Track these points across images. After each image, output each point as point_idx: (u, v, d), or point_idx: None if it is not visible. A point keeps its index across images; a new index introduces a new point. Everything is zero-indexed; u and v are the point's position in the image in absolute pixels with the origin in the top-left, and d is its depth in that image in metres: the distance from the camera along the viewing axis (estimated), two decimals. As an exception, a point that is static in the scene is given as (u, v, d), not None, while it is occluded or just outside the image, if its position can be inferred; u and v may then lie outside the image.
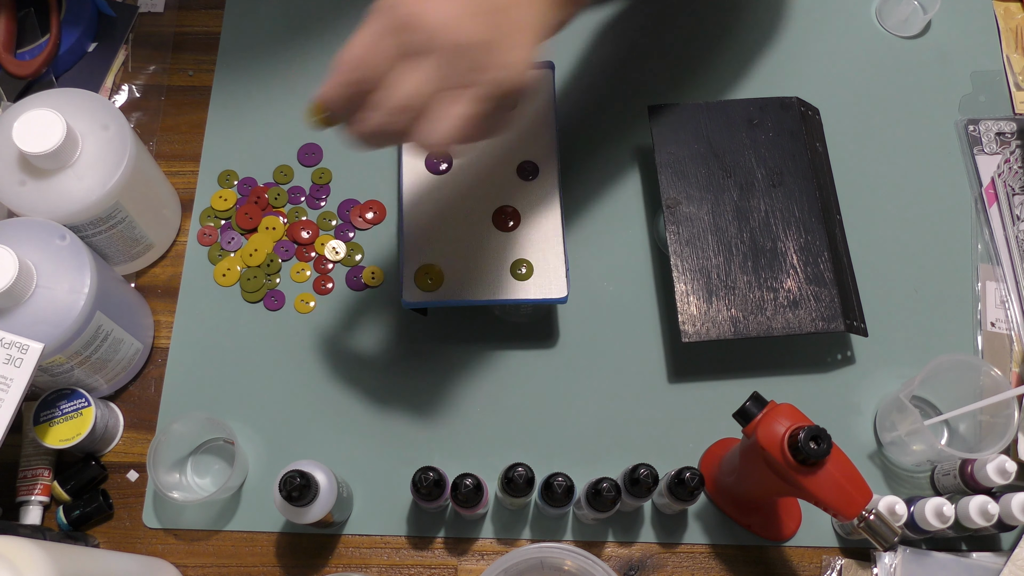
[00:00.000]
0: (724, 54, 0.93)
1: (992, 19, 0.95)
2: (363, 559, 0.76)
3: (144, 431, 0.80)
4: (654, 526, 0.77)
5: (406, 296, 0.75)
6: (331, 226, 0.86)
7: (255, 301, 0.83)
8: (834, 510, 0.62)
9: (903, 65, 0.93)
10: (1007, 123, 0.90)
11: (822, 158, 0.85)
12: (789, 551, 0.76)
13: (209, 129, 0.90)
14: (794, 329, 0.77)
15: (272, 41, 0.94)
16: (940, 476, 0.77)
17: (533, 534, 0.77)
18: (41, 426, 0.74)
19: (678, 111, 0.84)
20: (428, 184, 0.79)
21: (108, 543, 0.76)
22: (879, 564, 0.74)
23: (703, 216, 0.80)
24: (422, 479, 0.69)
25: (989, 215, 0.86)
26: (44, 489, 0.76)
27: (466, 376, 0.81)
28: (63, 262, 0.70)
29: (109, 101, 0.78)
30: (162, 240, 0.85)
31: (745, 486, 0.72)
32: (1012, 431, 0.72)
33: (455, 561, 0.76)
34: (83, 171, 0.73)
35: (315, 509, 0.68)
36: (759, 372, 0.81)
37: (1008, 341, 0.82)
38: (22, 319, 0.68)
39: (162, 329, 0.83)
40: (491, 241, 0.77)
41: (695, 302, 0.77)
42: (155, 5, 0.95)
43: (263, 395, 0.80)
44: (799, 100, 0.85)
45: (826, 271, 0.78)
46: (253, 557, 0.76)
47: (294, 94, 0.91)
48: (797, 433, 0.61)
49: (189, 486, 0.78)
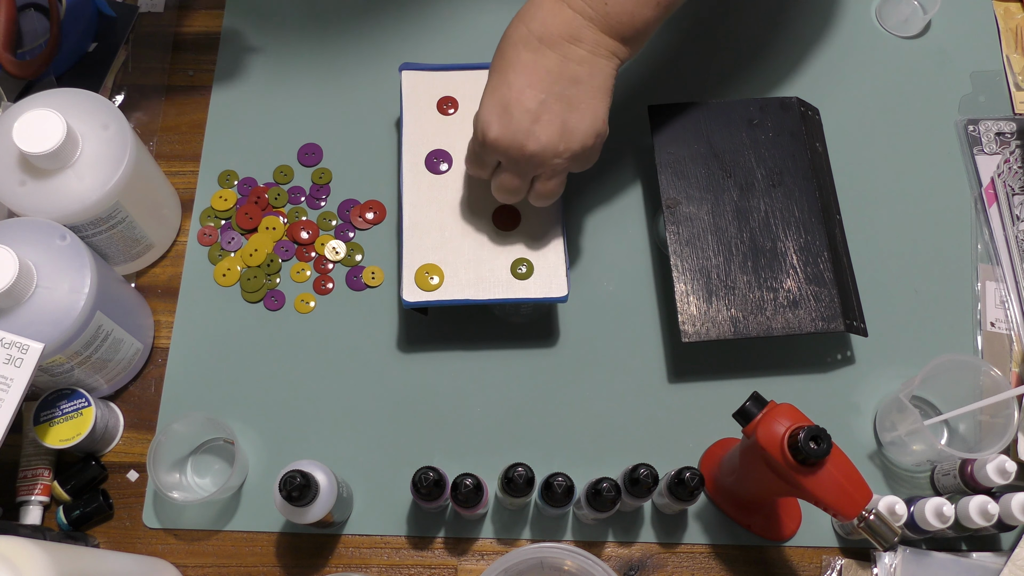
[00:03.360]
0: (724, 54, 0.93)
1: (992, 19, 0.95)
2: (363, 559, 0.76)
3: (144, 431, 0.80)
4: (654, 526, 0.77)
5: (406, 296, 0.75)
6: (331, 226, 0.86)
7: (255, 301, 0.83)
8: (834, 510, 0.62)
9: (903, 65, 0.93)
10: (1007, 123, 0.90)
11: (822, 158, 0.85)
12: (789, 551, 0.76)
13: (209, 129, 0.90)
14: (794, 329, 0.77)
15: (272, 41, 0.94)
16: (940, 476, 0.77)
17: (533, 534, 0.77)
18: (41, 426, 0.74)
19: (678, 111, 0.84)
20: (428, 184, 0.79)
21: (108, 543, 0.76)
22: (879, 564, 0.74)
23: (703, 216, 0.80)
24: (422, 479, 0.69)
25: (989, 215, 0.86)
26: (44, 489, 0.76)
27: (466, 376, 0.81)
28: (63, 262, 0.70)
29: (109, 101, 0.78)
30: (162, 240, 0.85)
31: (745, 486, 0.72)
32: (1012, 431, 0.72)
33: (455, 561, 0.76)
34: (83, 171, 0.73)
35: (315, 509, 0.68)
36: (759, 372, 0.81)
37: (1008, 341, 0.82)
38: (22, 319, 0.68)
39: (162, 329, 0.83)
40: (491, 241, 0.77)
41: (695, 302, 0.77)
42: (155, 5, 0.95)
43: (263, 395, 0.80)
44: (799, 100, 0.85)
45: (826, 271, 0.78)
46: (253, 557, 0.76)
47: (294, 94, 0.91)
48: (797, 433, 0.61)
49: (189, 486, 0.78)
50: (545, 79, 0.66)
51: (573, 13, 0.66)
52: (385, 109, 0.90)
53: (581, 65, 0.66)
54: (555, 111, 0.66)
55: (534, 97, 0.66)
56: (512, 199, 0.72)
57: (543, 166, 0.69)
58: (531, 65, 0.66)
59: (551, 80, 0.66)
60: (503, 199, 0.73)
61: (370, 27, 0.93)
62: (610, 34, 0.67)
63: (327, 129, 0.90)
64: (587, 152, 0.69)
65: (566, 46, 0.66)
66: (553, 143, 0.67)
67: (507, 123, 0.67)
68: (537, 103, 0.66)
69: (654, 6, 0.66)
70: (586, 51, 0.66)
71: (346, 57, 0.92)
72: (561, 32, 0.66)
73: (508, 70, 0.67)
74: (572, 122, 0.67)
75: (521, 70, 0.66)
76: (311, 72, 0.92)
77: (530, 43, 0.66)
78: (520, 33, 0.67)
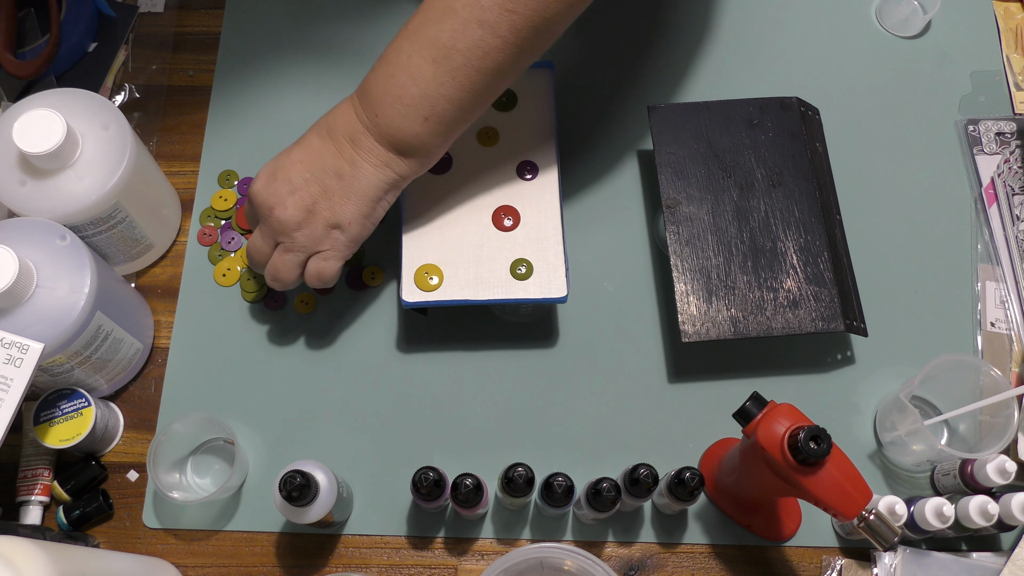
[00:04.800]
0: (724, 54, 0.93)
1: (992, 19, 0.95)
2: (363, 559, 0.76)
3: (144, 431, 0.80)
4: (654, 526, 0.77)
5: (406, 296, 0.75)
6: (331, 226, 0.86)
7: (255, 301, 0.83)
8: (834, 510, 0.63)
9: (903, 65, 0.93)
10: (1007, 123, 0.90)
11: (822, 158, 0.85)
12: (789, 551, 0.76)
13: (209, 129, 0.90)
14: (794, 329, 0.77)
15: (272, 41, 0.94)
16: (940, 476, 0.77)
17: (533, 534, 0.77)
18: (41, 426, 0.74)
19: (678, 111, 0.84)
20: (428, 184, 0.79)
21: (108, 543, 0.76)
22: (879, 564, 0.74)
23: (703, 216, 0.80)
24: (422, 479, 0.69)
25: (989, 215, 0.86)
26: (44, 489, 0.76)
27: (466, 376, 0.81)
28: (63, 262, 0.70)
29: (109, 101, 0.78)
30: (162, 240, 0.85)
31: (745, 486, 0.72)
32: (1012, 431, 0.72)
33: (455, 561, 0.76)
34: (83, 171, 0.73)
35: (315, 509, 0.68)
36: (759, 372, 0.81)
37: (1008, 341, 0.82)
38: (22, 319, 0.68)
39: (162, 329, 0.83)
40: (491, 241, 0.77)
41: (695, 302, 0.77)
42: (155, 5, 0.95)
43: (263, 395, 0.80)
44: (799, 100, 0.85)
45: (826, 271, 0.78)
46: (253, 557, 0.76)
47: (294, 94, 0.91)
48: (797, 433, 0.61)
49: (189, 486, 0.78)
50: (316, 163, 0.71)
51: (355, 119, 0.70)
52: (385, 109, 0.90)
53: (350, 165, 0.70)
54: (311, 192, 0.71)
55: (300, 173, 0.71)
56: (257, 267, 0.76)
57: (285, 235, 0.72)
58: (313, 148, 0.71)
59: (320, 166, 0.71)
60: (252, 265, 0.77)
61: (370, 27, 0.93)
62: (386, 145, 0.70)
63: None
64: (324, 240, 0.72)
65: (344, 144, 0.70)
66: (296, 218, 0.71)
67: (268, 183, 0.72)
68: (301, 180, 0.71)
69: (421, 121, 0.68)
70: (359, 155, 0.70)
71: (346, 57, 0.92)
72: (344, 131, 0.70)
73: (297, 145, 0.73)
74: (320, 208, 0.71)
75: (304, 149, 0.72)
76: (311, 72, 0.92)
77: (322, 132, 0.72)
78: (321, 121, 0.73)
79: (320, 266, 0.73)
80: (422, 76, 0.67)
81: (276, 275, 0.74)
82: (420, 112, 0.68)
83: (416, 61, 0.67)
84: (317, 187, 0.71)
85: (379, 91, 0.69)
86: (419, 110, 0.68)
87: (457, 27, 0.65)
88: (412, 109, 0.68)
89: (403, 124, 0.68)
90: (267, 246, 0.74)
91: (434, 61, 0.66)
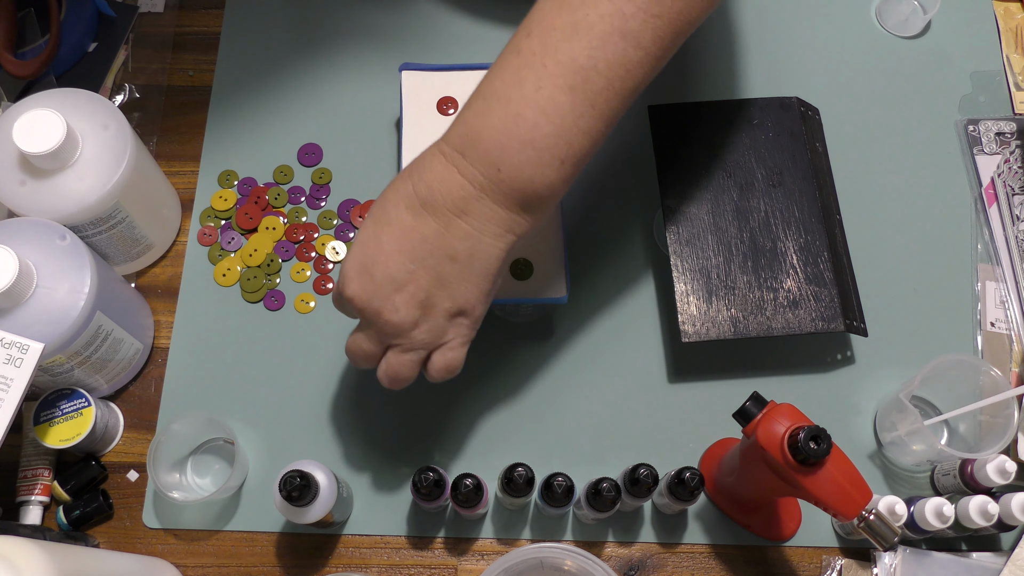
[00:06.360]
0: (724, 54, 0.93)
1: (992, 19, 0.95)
2: (363, 559, 0.76)
3: (144, 431, 0.80)
4: (654, 526, 0.77)
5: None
6: (331, 226, 0.86)
7: (255, 301, 0.83)
8: (834, 510, 0.62)
9: (903, 65, 0.93)
10: (1007, 123, 0.90)
11: (822, 158, 0.85)
12: (789, 551, 0.76)
13: (209, 129, 0.90)
14: (794, 329, 0.77)
15: (272, 41, 0.94)
16: (940, 476, 0.77)
17: (533, 534, 0.77)
18: (41, 426, 0.74)
19: (678, 111, 0.84)
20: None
21: (108, 543, 0.76)
22: (879, 564, 0.74)
23: (703, 216, 0.80)
24: (422, 479, 0.69)
25: (989, 215, 0.86)
26: (44, 489, 0.76)
27: (466, 376, 0.81)
28: (63, 262, 0.70)
29: (109, 101, 0.78)
30: (162, 240, 0.85)
31: (745, 486, 0.72)
32: (1012, 431, 0.72)
33: (455, 561, 0.76)
34: (83, 171, 0.73)
35: (315, 509, 0.68)
36: (759, 372, 0.81)
37: (1008, 341, 0.82)
38: (22, 319, 0.68)
39: (162, 329, 0.83)
40: (491, 241, 0.77)
41: (695, 302, 0.77)
42: (155, 5, 0.95)
43: (263, 395, 0.80)
44: (799, 100, 0.85)
45: (826, 271, 0.78)
46: (253, 557, 0.76)
47: (294, 94, 0.91)
48: (797, 433, 0.61)
49: (189, 486, 0.78)
50: (419, 249, 0.59)
51: (463, 180, 0.57)
52: (385, 109, 0.90)
53: (463, 242, 0.58)
54: (421, 285, 0.59)
55: (402, 265, 0.59)
56: (365, 364, 0.65)
57: (401, 337, 0.61)
58: (409, 229, 0.59)
59: (426, 251, 0.59)
60: (356, 365, 0.66)
61: (370, 27, 0.93)
62: (505, 205, 0.58)
63: (327, 129, 0.90)
64: (448, 331, 0.62)
65: (450, 218, 0.58)
66: (411, 317, 0.60)
67: (366, 284, 0.60)
68: (405, 273, 0.59)
69: (557, 166, 0.56)
70: (472, 227, 0.58)
71: (346, 57, 0.92)
72: (446, 202, 0.58)
73: (384, 227, 0.60)
74: (436, 300, 0.60)
75: (397, 232, 0.59)
76: (311, 72, 0.92)
77: (413, 205, 0.59)
78: (406, 190, 0.60)
79: (448, 358, 0.63)
80: (557, 109, 0.55)
81: (396, 377, 0.64)
82: (556, 155, 0.56)
83: (548, 92, 0.55)
84: (427, 277, 0.59)
85: (499, 137, 0.56)
86: (555, 152, 0.56)
87: (595, 42, 0.54)
88: (547, 152, 0.56)
89: (535, 174, 0.56)
90: (377, 348, 0.63)
91: (571, 89, 0.55)
